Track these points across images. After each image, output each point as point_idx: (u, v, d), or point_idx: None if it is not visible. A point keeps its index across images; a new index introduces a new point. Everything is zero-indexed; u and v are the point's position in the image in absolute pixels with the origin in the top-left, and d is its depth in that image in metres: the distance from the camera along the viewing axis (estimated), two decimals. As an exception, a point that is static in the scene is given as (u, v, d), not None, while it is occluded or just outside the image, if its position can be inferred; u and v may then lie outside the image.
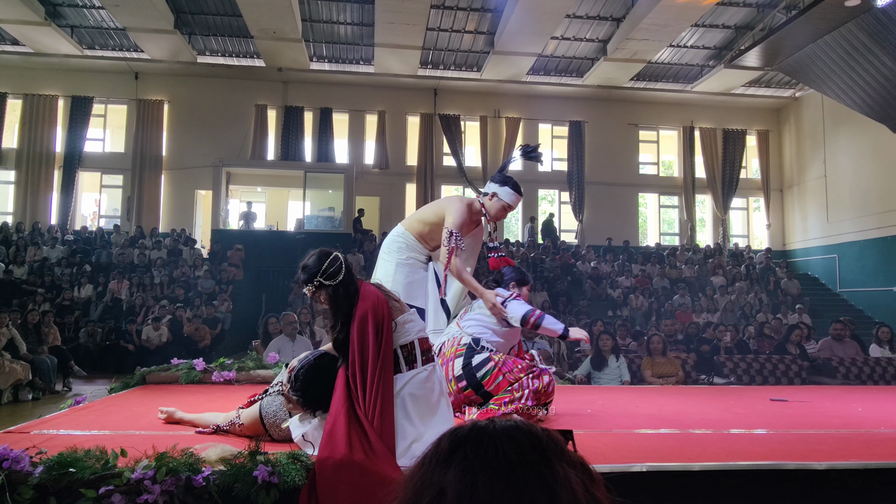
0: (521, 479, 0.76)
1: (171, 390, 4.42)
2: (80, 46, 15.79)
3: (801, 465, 2.53)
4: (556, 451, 0.81)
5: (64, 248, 14.61)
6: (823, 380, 7.19)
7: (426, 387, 2.74)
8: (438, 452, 0.81)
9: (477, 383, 3.52)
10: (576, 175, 18.03)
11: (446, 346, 3.70)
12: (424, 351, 2.81)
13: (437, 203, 4.17)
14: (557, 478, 0.77)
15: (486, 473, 0.76)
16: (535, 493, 0.75)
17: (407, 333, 2.78)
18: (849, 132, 15.86)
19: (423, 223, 4.10)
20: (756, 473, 2.52)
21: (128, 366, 10.31)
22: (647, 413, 3.94)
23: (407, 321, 2.80)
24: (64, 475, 2.20)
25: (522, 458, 0.78)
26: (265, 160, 17.34)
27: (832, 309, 14.37)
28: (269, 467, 2.26)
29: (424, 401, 2.73)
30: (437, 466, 0.79)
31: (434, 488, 0.77)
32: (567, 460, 0.80)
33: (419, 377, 2.73)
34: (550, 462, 0.78)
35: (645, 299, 13.49)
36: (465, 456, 0.78)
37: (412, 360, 2.75)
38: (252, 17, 13.78)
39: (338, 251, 2.84)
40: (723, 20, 14.76)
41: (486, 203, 4.11)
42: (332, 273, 2.72)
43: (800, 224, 18.01)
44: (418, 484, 0.79)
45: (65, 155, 16.75)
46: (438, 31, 15.23)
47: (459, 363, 3.58)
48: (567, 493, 0.76)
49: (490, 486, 0.75)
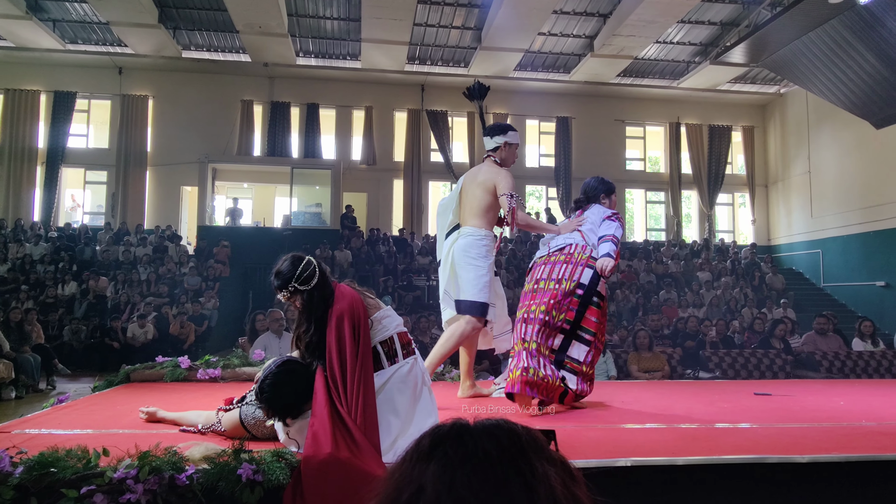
0: (500, 476, 0.76)
1: (156, 388, 4.38)
2: (63, 41, 15.58)
3: (783, 459, 2.55)
4: (537, 448, 0.81)
5: (47, 244, 14.44)
6: (807, 373, 7.26)
7: (408, 381, 2.76)
8: (419, 449, 0.81)
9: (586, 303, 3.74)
10: (563, 171, 18.07)
11: (576, 249, 3.87)
12: (405, 345, 2.83)
13: (476, 188, 4.22)
14: (536, 475, 0.77)
15: (465, 469, 0.76)
16: (514, 489, 0.75)
17: (385, 329, 2.79)
18: (832, 128, 16.01)
19: (484, 211, 4.18)
20: (740, 467, 2.54)
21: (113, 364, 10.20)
22: (633, 408, 3.97)
23: (384, 317, 2.82)
24: (45, 475, 2.17)
25: (502, 454, 0.78)
26: (251, 156, 17.23)
27: (816, 303, 14.53)
28: (253, 465, 2.25)
29: (408, 395, 2.74)
30: (417, 463, 0.79)
31: (413, 484, 0.77)
32: (547, 458, 0.80)
33: (401, 371, 2.75)
34: (530, 459, 0.78)
35: (632, 295, 13.56)
36: (445, 452, 0.78)
37: (393, 354, 2.77)
38: (237, 12, 13.67)
39: (311, 255, 2.84)
40: (708, 16, 14.84)
41: (503, 156, 4.32)
42: (306, 278, 2.71)
43: (784, 219, 18.17)
44: (399, 480, 0.79)
45: (47, 150, 16.55)
46: (425, 26, 15.19)
47: (589, 274, 3.77)
48: (546, 490, 0.76)
49: (469, 483, 0.75)
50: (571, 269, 3.79)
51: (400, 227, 17.09)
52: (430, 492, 0.75)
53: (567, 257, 3.84)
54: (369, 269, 14.35)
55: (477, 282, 3.96)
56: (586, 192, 4.26)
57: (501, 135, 4.32)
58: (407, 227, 17.09)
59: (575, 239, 3.93)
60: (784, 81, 17.02)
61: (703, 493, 2.53)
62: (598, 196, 4.19)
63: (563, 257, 3.85)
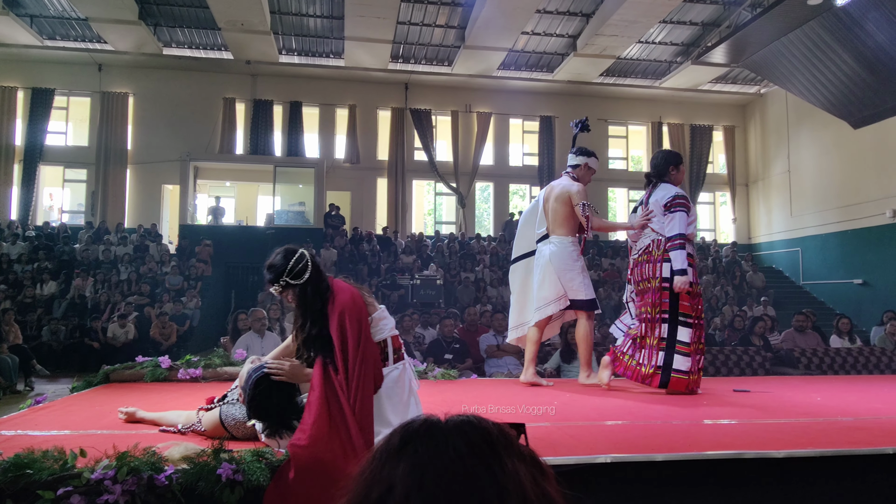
0: (469, 474, 0.76)
1: (136, 388, 4.34)
2: (41, 36, 15.35)
3: (760, 454, 2.58)
4: (506, 444, 0.81)
5: (25, 244, 14.24)
6: (786, 370, 7.35)
7: (398, 385, 2.75)
8: (389, 447, 0.81)
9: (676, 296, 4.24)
10: (546, 170, 18.13)
11: (653, 247, 4.38)
12: (396, 349, 2.82)
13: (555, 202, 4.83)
14: (506, 471, 0.77)
15: (435, 468, 0.76)
16: (484, 486, 0.75)
17: (381, 331, 2.78)
18: (811, 128, 16.22)
19: (566, 220, 4.78)
20: (718, 462, 2.57)
21: (93, 364, 10.09)
22: (614, 405, 4.00)
23: (381, 318, 2.80)
24: (20, 476, 2.14)
25: (472, 451, 0.78)
26: (234, 154, 17.10)
27: (795, 301, 14.72)
28: (233, 465, 2.24)
29: (397, 399, 2.74)
30: (387, 461, 0.79)
31: (383, 483, 0.77)
32: (517, 454, 0.80)
33: (392, 376, 2.74)
34: (500, 456, 0.78)
35: (614, 293, 13.64)
36: (415, 450, 0.78)
37: (385, 357, 2.76)
38: (219, 9, 13.56)
39: (305, 248, 2.80)
40: (690, 17, 14.97)
41: (580, 174, 4.90)
42: (298, 271, 2.67)
43: (764, 218, 18.40)
44: (368, 478, 0.79)
45: (25, 148, 16.30)
46: (409, 24, 15.17)
47: (668, 268, 4.26)
48: (515, 486, 0.76)
49: (438, 481, 0.75)
50: (652, 267, 4.34)
51: (384, 225, 17.05)
52: (399, 490, 0.75)
53: (648, 256, 4.40)
54: (353, 267, 14.31)
55: (582, 282, 4.68)
56: (655, 168, 4.68)
57: (586, 157, 4.98)
58: (391, 225, 17.07)
59: (652, 236, 4.43)
60: (764, 82, 17.22)
61: (682, 488, 2.56)
62: (667, 169, 4.60)
63: (646, 257, 4.42)
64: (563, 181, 4.87)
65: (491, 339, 6.92)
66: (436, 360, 6.30)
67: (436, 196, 19.35)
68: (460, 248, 15.73)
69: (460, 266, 14.30)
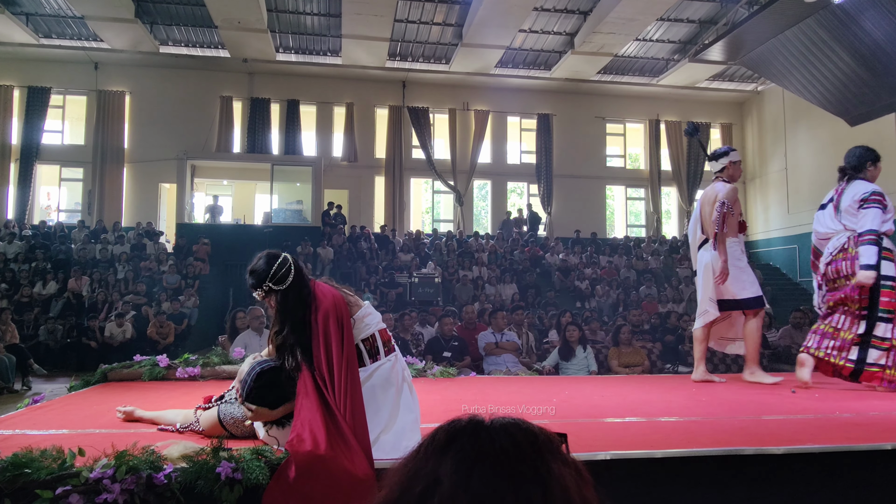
0: (517, 474, 0.76)
1: (134, 387, 4.33)
2: (36, 35, 15.30)
3: (759, 451, 2.59)
4: (552, 449, 0.81)
5: (22, 243, 14.20)
6: (784, 367, 7.36)
7: (391, 378, 2.75)
8: (434, 442, 0.81)
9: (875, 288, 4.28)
10: (544, 168, 18.14)
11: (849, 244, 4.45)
12: (385, 342, 2.82)
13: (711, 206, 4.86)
14: (552, 475, 0.77)
15: (483, 466, 0.77)
16: (531, 488, 0.75)
17: (367, 327, 2.77)
18: (808, 126, 16.25)
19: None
20: (716, 459, 2.57)
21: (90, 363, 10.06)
22: (613, 402, 4.00)
23: (366, 315, 2.79)
24: (19, 476, 2.13)
25: (519, 453, 0.78)
26: (231, 153, 17.07)
27: (793, 298, 14.74)
28: (232, 464, 2.23)
29: (390, 392, 2.74)
30: (432, 456, 0.79)
31: (429, 477, 0.77)
32: (562, 459, 0.81)
33: (384, 368, 2.74)
34: (546, 459, 0.79)
35: (612, 290, 13.66)
36: (461, 447, 0.79)
37: (375, 352, 2.76)
38: (216, 7, 13.52)
39: (287, 252, 2.76)
40: (687, 14, 14.98)
41: (729, 174, 4.95)
42: (280, 276, 2.64)
43: (762, 215, 18.43)
44: (413, 472, 0.79)
45: (21, 147, 16.26)
46: (406, 22, 15.15)
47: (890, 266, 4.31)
48: (561, 490, 0.77)
49: (486, 479, 0.75)
50: (849, 263, 4.41)
51: (382, 224, 17.04)
52: (446, 485, 0.75)
53: (844, 254, 4.47)
54: (351, 265, 14.30)
55: (746, 280, 4.79)
56: (851, 162, 4.79)
57: (725, 157, 4.97)
58: (389, 223, 17.05)
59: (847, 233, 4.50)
60: (761, 79, 17.24)
61: (681, 485, 2.56)
62: (864, 164, 4.71)
63: (842, 255, 4.49)
64: (717, 185, 4.93)
65: (489, 336, 6.92)
66: (434, 358, 6.30)
67: (434, 194, 19.34)
68: (458, 246, 15.73)
69: (458, 264, 14.31)
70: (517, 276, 14.19)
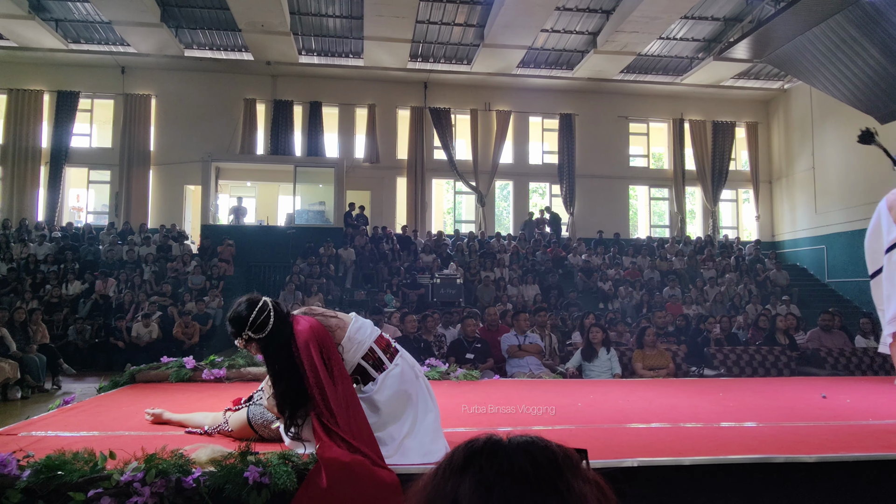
0: (537, 494, 0.75)
1: (161, 389, 4.39)
2: (65, 40, 15.59)
3: (791, 459, 2.54)
4: (572, 467, 0.80)
5: (51, 244, 14.48)
6: (812, 370, 7.24)
7: (403, 381, 2.75)
8: (452, 463, 0.80)
9: None
10: (566, 168, 18.04)
11: None
12: (385, 349, 2.81)
13: None
14: (573, 493, 0.76)
15: (502, 486, 0.75)
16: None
17: (362, 343, 2.74)
18: (836, 123, 15.94)
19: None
20: (746, 467, 2.53)
21: (118, 363, 10.27)
22: (638, 407, 3.96)
23: (356, 331, 2.76)
24: (52, 478, 2.18)
25: (538, 472, 0.77)
26: (254, 155, 17.23)
27: (821, 299, 14.49)
28: (260, 468, 2.25)
29: (405, 396, 2.74)
30: (451, 476, 0.78)
31: (447, 498, 0.76)
32: (583, 477, 0.79)
33: (393, 375, 2.74)
34: (566, 477, 0.77)
35: (636, 291, 13.54)
36: (480, 468, 0.78)
37: (379, 364, 2.74)
38: (239, 10, 13.66)
39: (266, 297, 2.73)
40: (712, 12, 14.78)
41: None
42: (260, 324, 2.61)
43: (788, 215, 18.13)
44: (431, 493, 0.78)
45: (51, 150, 16.58)
46: (428, 23, 15.16)
47: None
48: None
49: (506, 499, 0.74)
50: None
51: (403, 224, 17.08)
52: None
53: None
54: (373, 266, 14.36)
55: None
56: None
57: None
58: (410, 224, 17.09)
59: None
60: (788, 77, 16.96)
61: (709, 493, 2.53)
62: None
63: None
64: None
65: (512, 338, 6.88)
66: (457, 360, 6.29)
67: (455, 195, 19.33)
68: (480, 246, 15.71)
69: (480, 265, 14.28)
70: (539, 276, 14.12)
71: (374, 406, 2.68)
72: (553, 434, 3.13)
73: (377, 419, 2.66)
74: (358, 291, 13.08)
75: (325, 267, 13.77)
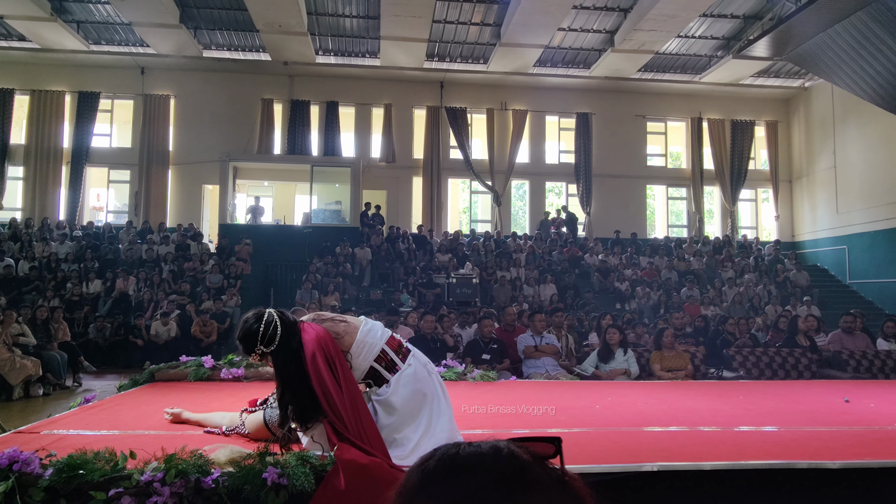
0: None
1: (180, 388, 4.42)
2: (86, 42, 15.79)
3: (814, 465, 2.50)
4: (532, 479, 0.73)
5: (72, 243, 14.67)
6: (834, 373, 7.13)
7: (417, 378, 2.75)
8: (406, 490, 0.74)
9: None
10: (583, 167, 17.95)
11: None
12: (397, 349, 2.81)
13: None
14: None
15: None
16: None
17: (373, 346, 2.75)
18: (859, 122, 15.71)
19: None
20: (768, 473, 2.49)
21: (137, 361, 10.38)
22: (657, 409, 3.92)
23: (366, 335, 2.76)
24: (73, 477, 2.20)
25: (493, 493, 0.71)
26: (272, 154, 17.33)
27: (842, 301, 14.29)
28: (278, 469, 2.26)
29: (420, 395, 2.74)
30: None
31: None
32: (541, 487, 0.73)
33: (406, 375, 2.74)
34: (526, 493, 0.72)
35: (653, 292, 13.43)
36: (429, 497, 0.72)
37: (391, 365, 2.75)
38: (257, 11, 13.75)
39: (270, 309, 2.74)
40: (731, 10, 14.62)
41: None
42: (270, 337, 2.64)
43: (809, 215, 17.89)
44: None
45: (72, 150, 16.81)
46: (444, 23, 15.15)
47: None
48: None
49: None
50: None
51: (419, 224, 17.10)
52: None
53: None
54: (389, 266, 14.39)
55: None
56: None
57: None
58: (426, 224, 17.10)
59: None
60: (809, 75, 16.72)
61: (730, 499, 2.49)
62: None
63: None
64: None
65: (528, 339, 6.85)
66: (474, 360, 6.28)
67: (471, 194, 19.30)
68: (496, 246, 15.68)
69: (496, 265, 14.25)
70: (555, 276, 14.06)
71: (390, 408, 2.69)
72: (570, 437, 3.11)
73: (393, 420, 2.67)
74: (374, 291, 13.11)
75: (342, 266, 13.83)
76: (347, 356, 2.72)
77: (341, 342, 2.71)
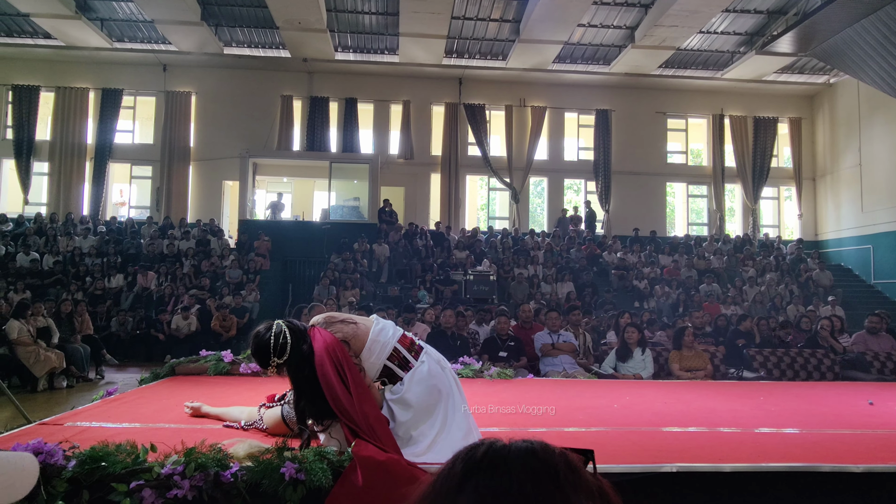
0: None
1: (200, 382, 4.47)
2: (110, 39, 16.00)
3: (837, 468, 2.46)
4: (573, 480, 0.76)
5: (95, 238, 14.88)
6: (857, 375, 7.01)
7: (431, 374, 2.75)
8: (450, 477, 0.77)
9: None
10: (602, 164, 17.82)
11: None
12: (409, 347, 2.81)
13: None
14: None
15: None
16: None
17: (385, 345, 2.76)
18: (885, 119, 15.42)
19: None
20: (790, 476, 2.46)
21: (158, 354, 10.54)
22: (675, 410, 3.89)
23: (377, 334, 2.77)
24: (96, 469, 2.23)
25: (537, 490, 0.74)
26: (291, 151, 17.44)
27: (866, 301, 14.05)
28: (296, 464, 2.27)
29: (433, 388, 2.75)
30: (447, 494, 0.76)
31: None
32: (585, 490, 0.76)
33: (420, 372, 2.74)
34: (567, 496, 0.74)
35: (672, 291, 13.31)
36: (476, 486, 0.75)
37: (405, 363, 2.75)
38: (277, 8, 13.83)
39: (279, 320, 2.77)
40: (754, 5, 14.41)
41: None
42: (281, 348, 2.66)
43: (833, 214, 17.60)
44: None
45: (96, 146, 17.05)
46: (463, 19, 15.12)
47: None
48: None
49: None
50: None
51: (437, 220, 17.10)
52: None
53: None
54: (406, 262, 14.41)
55: None
56: None
57: None
58: (444, 220, 17.10)
59: None
60: (834, 71, 16.44)
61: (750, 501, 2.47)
62: None
63: None
64: None
65: (546, 337, 6.82)
66: (490, 357, 6.27)
67: (489, 191, 19.26)
68: (514, 243, 15.63)
69: (514, 262, 14.21)
70: (574, 274, 13.99)
71: (405, 405, 2.69)
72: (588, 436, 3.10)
73: (410, 416, 2.67)
74: (392, 287, 13.15)
75: (360, 262, 13.88)
76: (359, 359, 2.73)
77: (352, 345, 2.73)
